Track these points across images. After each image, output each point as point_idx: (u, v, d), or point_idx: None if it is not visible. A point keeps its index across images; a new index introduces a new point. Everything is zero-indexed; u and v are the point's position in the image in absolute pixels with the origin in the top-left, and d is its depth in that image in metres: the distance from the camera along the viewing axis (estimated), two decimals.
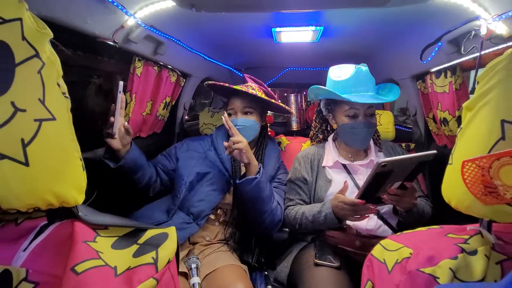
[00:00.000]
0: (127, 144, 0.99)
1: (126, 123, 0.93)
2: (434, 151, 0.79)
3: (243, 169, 1.14)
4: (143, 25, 0.99)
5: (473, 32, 0.88)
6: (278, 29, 1.23)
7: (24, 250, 0.45)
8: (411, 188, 0.87)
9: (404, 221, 0.99)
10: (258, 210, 1.05)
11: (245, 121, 1.16)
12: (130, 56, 1.16)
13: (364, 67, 1.10)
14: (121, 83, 0.84)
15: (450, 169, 0.54)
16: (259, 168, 1.03)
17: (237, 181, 1.03)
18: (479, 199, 0.46)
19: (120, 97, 0.86)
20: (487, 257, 0.46)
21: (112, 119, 0.87)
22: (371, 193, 0.87)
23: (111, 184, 1.03)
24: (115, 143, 0.93)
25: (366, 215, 0.92)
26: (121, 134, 0.94)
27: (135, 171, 1.04)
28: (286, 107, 1.27)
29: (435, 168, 1.48)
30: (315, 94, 1.17)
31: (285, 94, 2.59)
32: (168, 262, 0.50)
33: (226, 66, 1.89)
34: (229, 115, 1.20)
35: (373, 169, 0.77)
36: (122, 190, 1.10)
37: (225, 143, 1.02)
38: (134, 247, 0.50)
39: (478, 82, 0.50)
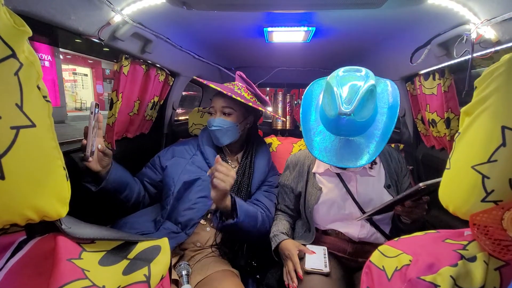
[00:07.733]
0: (108, 165, 0.93)
1: (100, 145, 0.88)
2: None
3: None
4: (130, 22, 0.94)
5: (464, 37, 0.90)
6: (270, 28, 1.21)
7: (0, 269, 0.41)
8: (425, 201, 0.85)
9: (405, 228, 0.97)
10: (245, 235, 1.05)
11: (221, 122, 1.11)
12: (116, 54, 1.11)
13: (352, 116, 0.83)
14: (93, 102, 0.81)
15: (447, 174, 0.54)
16: (233, 205, 0.96)
17: (217, 225, 1.01)
18: (497, 256, 0.43)
19: (95, 117, 0.82)
20: (486, 263, 0.46)
21: (84, 141, 0.83)
22: (390, 207, 0.85)
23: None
24: (93, 165, 0.88)
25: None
26: (99, 156, 0.89)
27: (120, 191, 0.99)
28: (270, 112, 1.25)
29: (424, 170, 1.51)
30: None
31: (273, 93, 2.58)
32: (162, 278, 0.47)
33: (216, 65, 1.86)
34: (210, 114, 1.16)
35: (412, 190, 0.74)
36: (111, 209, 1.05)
37: (211, 169, 0.89)
38: (124, 263, 0.46)
39: (476, 87, 0.50)
